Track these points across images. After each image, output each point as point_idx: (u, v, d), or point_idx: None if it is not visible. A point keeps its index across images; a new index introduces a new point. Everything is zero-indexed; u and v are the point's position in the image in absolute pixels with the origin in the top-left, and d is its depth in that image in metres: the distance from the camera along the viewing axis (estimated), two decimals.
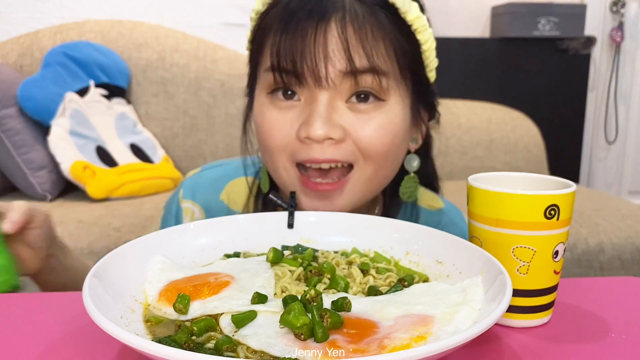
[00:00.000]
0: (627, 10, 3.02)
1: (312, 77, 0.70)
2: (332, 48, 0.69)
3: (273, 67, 0.71)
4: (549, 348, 0.53)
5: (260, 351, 0.45)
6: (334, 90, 0.71)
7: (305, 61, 0.69)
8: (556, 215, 0.55)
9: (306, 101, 0.72)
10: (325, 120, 0.70)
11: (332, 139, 0.70)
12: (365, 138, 0.72)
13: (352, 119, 0.72)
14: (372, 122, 0.72)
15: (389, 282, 0.59)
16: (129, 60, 2.18)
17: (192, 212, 0.90)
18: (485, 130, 2.39)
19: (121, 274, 0.55)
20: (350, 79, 0.70)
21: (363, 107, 0.72)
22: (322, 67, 0.69)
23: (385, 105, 0.73)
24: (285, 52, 0.70)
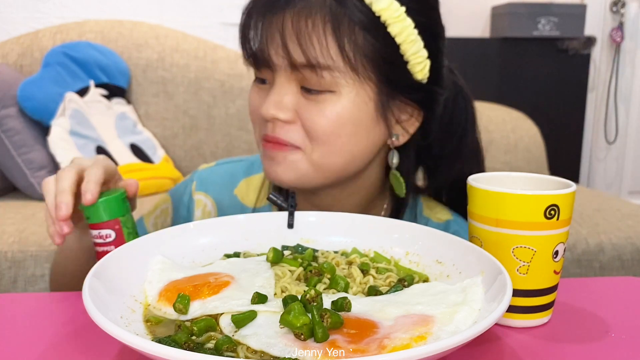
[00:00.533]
0: (627, 10, 3.02)
1: (265, 63, 0.75)
2: (290, 35, 0.73)
3: (245, 54, 0.78)
4: (549, 348, 0.53)
5: (260, 351, 0.45)
6: (288, 76, 0.75)
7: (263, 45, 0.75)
8: (556, 215, 0.55)
9: (270, 83, 0.78)
10: (275, 102, 0.75)
11: (279, 120, 0.75)
12: (310, 123, 0.75)
13: (302, 103, 0.75)
14: (319, 109, 0.74)
15: (389, 282, 0.59)
16: (129, 60, 2.18)
17: (205, 204, 0.91)
18: (485, 130, 2.38)
19: (121, 274, 0.55)
20: (309, 70, 0.73)
21: (313, 96, 0.75)
22: (267, 55, 0.75)
23: (333, 95, 0.74)
24: (246, 38, 0.77)
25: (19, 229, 1.57)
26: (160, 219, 0.93)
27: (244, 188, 0.92)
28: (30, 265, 1.50)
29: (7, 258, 1.50)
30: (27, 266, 1.50)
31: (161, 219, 0.93)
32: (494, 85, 2.83)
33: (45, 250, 1.51)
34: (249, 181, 0.93)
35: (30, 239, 1.53)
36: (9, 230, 1.56)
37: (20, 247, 1.51)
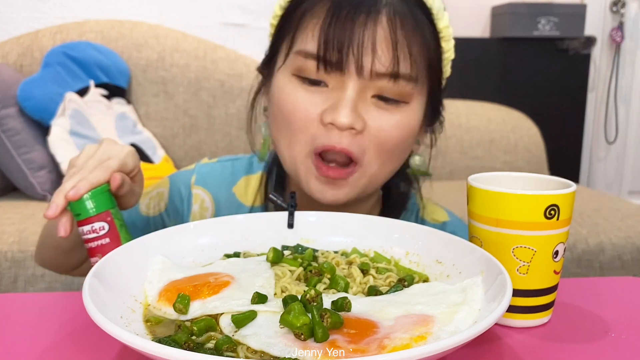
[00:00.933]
0: (627, 10, 3.02)
1: (355, 66, 0.70)
2: (381, 42, 0.70)
3: (318, 56, 0.71)
4: (549, 348, 0.53)
5: (260, 351, 0.45)
6: (366, 83, 0.71)
7: (352, 51, 0.69)
8: (556, 215, 0.55)
9: (334, 87, 0.72)
10: (352, 110, 0.70)
11: (353, 129, 0.71)
12: (383, 133, 0.72)
13: (374, 112, 0.72)
14: (393, 119, 0.73)
15: (389, 282, 0.59)
16: (129, 60, 2.18)
17: (203, 199, 0.90)
18: (485, 130, 2.39)
19: (121, 274, 0.55)
20: (389, 79, 0.71)
21: (387, 105, 0.73)
22: (368, 60, 0.70)
23: (407, 107, 0.74)
24: (332, 40, 0.69)
25: (19, 229, 1.57)
26: (154, 200, 0.91)
27: (242, 186, 0.91)
28: (30, 265, 1.50)
29: (7, 258, 1.50)
30: (27, 266, 1.50)
31: (155, 200, 0.91)
32: (494, 85, 2.83)
33: None
34: (248, 179, 0.92)
35: (30, 239, 1.53)
36: (9, 230, 1.56)
37: (20, 247, 1.51)
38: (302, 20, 0.73)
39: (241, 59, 2.28)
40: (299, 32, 0.74)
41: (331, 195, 0.75)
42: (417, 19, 0.73)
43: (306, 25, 0.73)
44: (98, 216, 0.65)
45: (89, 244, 0.66)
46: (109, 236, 0.65)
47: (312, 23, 0.72)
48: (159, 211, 0.91)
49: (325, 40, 0.70)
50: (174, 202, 0.91)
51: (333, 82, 0.72)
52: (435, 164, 0.97)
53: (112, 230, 0.65)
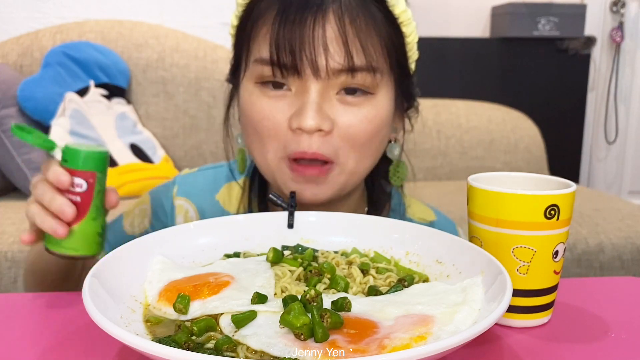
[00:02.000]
0: (627, 10, 3.02)
1: (310, 68, 0.70)
2: (331, 40, 0.70)
3: (272, 61, 0.71)
4: (549, 348, 0.53)
5: (260, 351, 0.45)
6: (327, 82, 0.71)
7: (304, 52, 0.69)
8: (556, 215, 0.55)
9: (297, 91, 0.72)
10: (317, 112, 0.70)
11: (321, 131, 0.71)
12: (352, 129, 0.72)
13: (340, 110, 0.72)
14: (360, 113, 0.73)
15: (389, 282, 0.59)
16: (129, 60, 2.18)
17: (187, 210, 0.89)
18: (485, 130, 2.39)
19: (121, 274, 0.55)
20: (346, 74, 0.71)
21: (352, 100, 0.73)
22: (322, 59, 0.70)
23: (373, 99, 0.73)
24: (283, 44, 0.69)
25: (19, 229, 1.57)
26: (138, 218, 0.90)
27: (225, 193, 0.90)
28: None
29: (7, 258, 1.50)
30: None
31: (139, 218, 0.90)
32: (494, 85, 2.83)
33: None
34: (230, 186, 0.91)
35: None
36: (9, 230, 1.56)
37: (20, 247, 1.51)
38: (255, 28, 0.74)
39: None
40: (253, 40, 0.74)
41: (310, 194, 0.74)
42: (368, 10, 0.72)
43: (258, 32, 0.73)
44: (82, 172, 0.62)
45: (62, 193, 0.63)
46: (81, 195, 0.62)
47: (264, 29, 0.72)
48: (143, 228, 0.90)
49: (276, 45, 0.70)
50: (158, 216, 0.90)
51: (295, 86, 0.72)
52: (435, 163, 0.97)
53: (88, 192, 0.63)
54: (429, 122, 2.30)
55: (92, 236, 0.64)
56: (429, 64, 2.71)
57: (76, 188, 0.62)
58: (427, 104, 2.30)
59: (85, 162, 0.63)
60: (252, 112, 0.74)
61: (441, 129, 2.31)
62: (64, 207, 0.60)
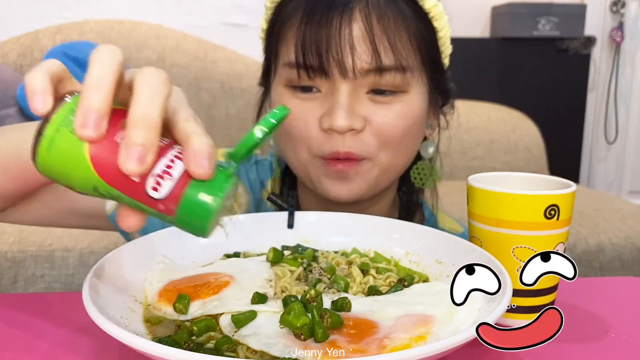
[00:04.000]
0: (627, 10, 3.02)
1: (337, 69, 0.70)
2: (358, 39, 0.69)
3: (298, 64, 0.71)
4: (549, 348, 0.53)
5: (260, 351, 0.45)
6: (356, 82, 0.71)
7: (331, 53, 0.69)
8: (556, 215, 0.55)
9: (327, 92, 0.72)
10: (347, 111, 0.70)
11: (353, 130, 0.70)
12: (385, 126, 0.72)
13: (372, 108, 0.72)
14: (392, 111, 0.72)
15: (389, 282, 0.59)
16: (129, 60, 2.18)
17: (241, 195, 0.87)
18: (485, 130, 2.39)
19: (121, 274, 0.55)
20: (375, 74, 0.70)
21: (383, 98, 0.72)
22: (349, 59, 0.69)
23: (405, 96, 0.73)
24: (310, 45, 0.69)
25: (19, 229, 1.57)
26: None
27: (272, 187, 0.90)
28: (30, 265, 1.50)
29: (7, 258, 1.50)
30: (27, 266, 1.50)
31: None
32: (494, 85, 2.83)
33: (45, 250, 1.51)
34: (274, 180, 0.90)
35: (30, 239, 1.53)
36: (9, 230, 1.56)
37: (20, 247, 1.51)
38: (282, 31, 0.74)
39: (241, 59, 2.28)
40: (282, 44, 0.74)
41: (346, 191, 0.74)
42: (397, 6, 0.72)
43: (286, 35, 0.73)
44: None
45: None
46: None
47: (291, 32, 0.72)
48: None
49: (302, 47, 0.70)
50: None
51: (324, 87, 0.72)
52: None
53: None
54: None
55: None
56: None
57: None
58: None
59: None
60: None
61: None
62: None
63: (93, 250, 1.52)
